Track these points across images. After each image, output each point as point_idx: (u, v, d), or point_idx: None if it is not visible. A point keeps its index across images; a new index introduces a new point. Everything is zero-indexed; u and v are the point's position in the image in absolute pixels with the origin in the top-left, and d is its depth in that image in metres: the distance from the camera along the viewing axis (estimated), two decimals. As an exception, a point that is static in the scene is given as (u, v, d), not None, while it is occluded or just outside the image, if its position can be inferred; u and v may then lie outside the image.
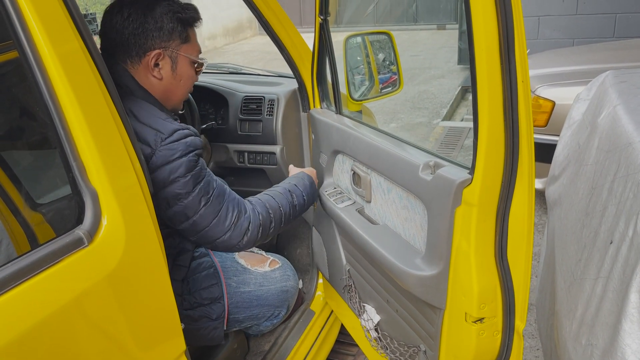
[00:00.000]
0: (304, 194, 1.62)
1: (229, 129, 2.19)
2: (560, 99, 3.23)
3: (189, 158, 1.28)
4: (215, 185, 1.37)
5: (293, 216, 1.57)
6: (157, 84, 1.38)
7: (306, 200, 1.62)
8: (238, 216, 1.40)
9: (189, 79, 1.45)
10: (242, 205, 1.43)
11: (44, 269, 0.84)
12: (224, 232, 1.38)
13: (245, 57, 11.76)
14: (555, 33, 6.04)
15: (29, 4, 0.87)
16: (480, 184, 1.14)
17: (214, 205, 1.35)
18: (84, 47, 0.95)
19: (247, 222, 1.41)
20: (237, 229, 1.39)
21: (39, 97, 0.89)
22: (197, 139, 1.33)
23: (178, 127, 1.30)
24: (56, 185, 1.05)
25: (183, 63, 1.41)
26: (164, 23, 1.34)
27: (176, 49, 1.38)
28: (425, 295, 1.34)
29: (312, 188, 1.67)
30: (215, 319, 1.58)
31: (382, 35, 2.02)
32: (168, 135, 1.27)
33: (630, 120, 1.25)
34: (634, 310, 0.89)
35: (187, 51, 1.41)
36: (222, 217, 1.37)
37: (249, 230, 1.41)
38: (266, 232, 1.47)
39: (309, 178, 1.68)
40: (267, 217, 1.47)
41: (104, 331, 0.94)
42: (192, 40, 1.42)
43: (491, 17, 1.00)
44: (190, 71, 1.44)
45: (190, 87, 1.48)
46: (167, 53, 1.37)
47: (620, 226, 1.03)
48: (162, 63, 1.37)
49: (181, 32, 1.38)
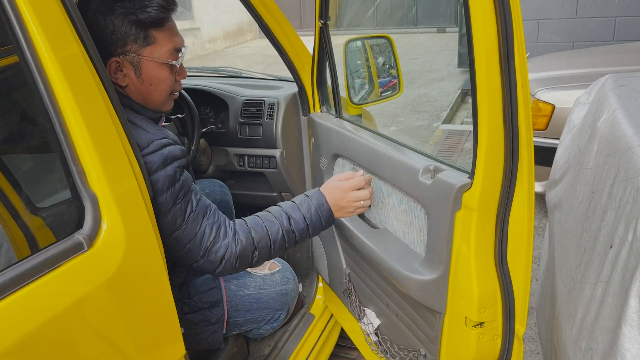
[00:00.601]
0: (306, 218, 1.38)
1: (229, 132, 2.19)
2: (560, 102, 3.23)
3: (166, 172, 1.17)
4: (194, 207, 1.25)
5: (289, 243, 1.37)
6: (127, 88, 1.27)
7: (309, 226, 1.39)
8: (214, 242, 1.27)
9: (162, 81, 1.30)
10: (222, 229, 1.29)
11: (44, 273, 0.84)
12: (198, 258, 1.27)
13: (246, 60, 11.77)
14: (555, 36, 6.05)
15: (29, 9, 0.87)
16: (480, 188, 1.14)
17: (190, 228, 1.23)
18: (84, 51, 0.95)
19: (224, 249, 1.28)
20: (212, 256, 1.27)
21: (39, 101, 0.89)
22: (176, 149, 1.22)
23: (153, 137, 1.19)
24: (56, 190, 1.05)
25: (149, 67, 1.26)
26: (115, 27, 1.21)
27: (137, 53, 1.24)
28: (425, 299, 1.34)
29: (320, 213, 1.40)
30: (215, 323, 1.58)
31: (381, 40, 2.02)
32: (142, 147, 1.15)
33: (629, 124, 1.26)
34: (634, 315, 0.89)
35: (151, 54, 1.25)
36: (197, 242, 1.25)
37: (224, 258, 1.28)
38: (247, 262, 1.33)
39: (318, 199, 1.41)
40: (248, 245, 1.31)
41: (104, 336, 0.94)
42: (159, 40, 1.26)
43: (491, 22, 1.01)
44: (161, 73, 1.28)
45: (169, 88, 1.33)
46: (126, 59, 1.24)
47: (620, 230, 1.03)
48: (125, 70, 1.25)
49: (137, 36, 1.23)
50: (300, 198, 1.43)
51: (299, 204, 1.40)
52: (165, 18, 1.26)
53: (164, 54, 1.28)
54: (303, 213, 1.39)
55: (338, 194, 1.42)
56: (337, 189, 1.43)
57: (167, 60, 1.28)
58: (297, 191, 2.15)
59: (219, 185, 2.12)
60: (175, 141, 1.24)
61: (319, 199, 1.41)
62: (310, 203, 1.40)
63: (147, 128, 1.22)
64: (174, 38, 1.30)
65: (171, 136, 1.25)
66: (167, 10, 1.26)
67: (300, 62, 1.91)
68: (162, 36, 1.27)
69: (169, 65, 1.29)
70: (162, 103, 1.34)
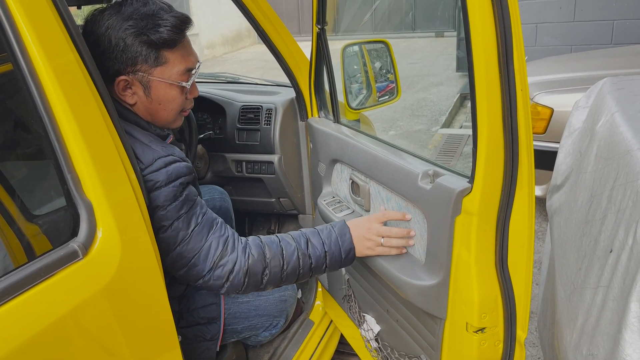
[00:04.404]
0: (325, 245, 1.33)
1: (226, 138, 2.19)
2: (559, 105, 3.23)
3: (168, 189, 1.16)
4: (199, 221, 1.22)
5: (303, 268, 1.31)
6: (135, 106, 1.26)
7: (327, 253, 1.33)
8: (221, 255, 1.23)
9: (171, 101, 1.27)
10: (229, 243, 1.25)
11: (39, 282, 0.83)
12: (205, 273, 1.23)
13: (244, 65, 11.80)
14: (553, 40, 6.06)
15: (24, 17, 0.86)
16: (480, 193, 1.13)
17: (194, 242, 1.21)
18: (79, 59, 0.94)
19: (232, 263, 1.24)
20: (218, 270, 1.23)
21: (34, 108, 0.89)
22: (180, 166, 1.20)
23: (159, 155, 1.18)
24: (51, 198, 1.04)
25: (159, 87, 1.24)
26: (126, 46, 1.18)
27: (147, 73, 1.22)
28: (425, 305, 1.33)
29: (340, 242, 1.34)
30: (209, 339, 1.56)
31: (379, 44, 2.02)
32: (147, 165, 1.15)
33: (628, 128, 1.25)
34: (635, 320, 0.88)
35: (162, 74, 1.23)
36: (202, 256, 1.22)
37: (232, 272, 1.24)
38: (257, 280, 1.27)
39: (341, 229, 1.36)
40: (259, 262, 1.26)
41: (99, 344, 0.93)
42: (171, 60, 1.24)
43: (489, 26, 1.00)
44: (171, 93, 1.26)
45: (178, 107, 1.30)
46: (136, 78, 1.22)
47: (619, 234, 1.03)
48: (134, 88, 1.23)
49: (148, 56, 1.20)
50: (323, 225, 1.39)
51: (320, 230, 1.36)
52: (178, 39, 1.23)
53: (175, 75, 1.25)
54: (323, 239, 1.34)
55: (363, 227, 1.37)
56: (365, 221, 1.39)
57: (177, 81, 1.25)
58: (295, 197, 2.14)
59: (219, 191, 2.11)
60: (181, 158, 1.23)
61: (342, 228, 1.37)
62: (332, 231, 1.36)
63: (153, 145, 1.20)
64: (187, 58, 1.27)
65: (177, 153, 1.23)
66: (181, 30, 1.23)
67: (297, 67, 1.91)
68: (174, 57, 1.24)
69: (179, 86, 1.27)
70: (170, 121, 1.32)
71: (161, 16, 1.21)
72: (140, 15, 1.19)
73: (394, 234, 1.36)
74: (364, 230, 1.37)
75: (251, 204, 2.29)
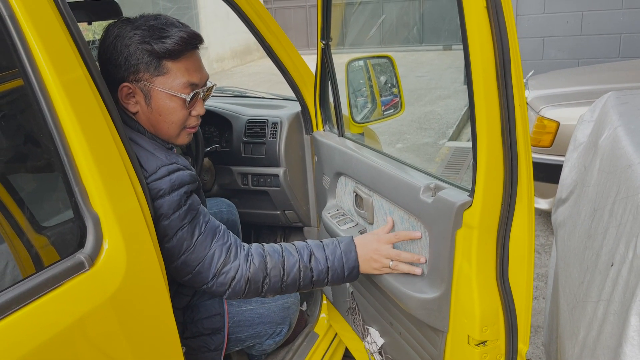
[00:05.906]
0: (328, 260, 1.33)
1: (232, 151, 2.22)
2: (565, 119, 3.24)
3: (172, 197, 1.18)
4: (202, 230, 1.25)
5: (303, 281, 1.33)
6: (137, 115, 1.28)
7: (329, 269, 1.33)
8: (224, 263, 1.26)
9: (171, 113, 1.27)
10: (232, 250, 1.28)
11: (46, 292, 0.85)
12: (208, 280, 1.26)
13: (253, 78, 11.88)
14: (560, 53, 6.07)
15: (34, 33, 0.89)
16: (480, 207, 1.14)
17: (198, 250, 1.24)
18: (87, 75, 0.97)
19: (234, 271, 1.27)
20: (222, 277, 1.26)
21: (43, 123, 0.91)
22: (184, 174, 1.22)
23: (162, 163, 1.20)
24: (59, 210, 1.06)
25: (159, 97, 1.25)
26: (130, 53, 1.21)
27: (148, 81, 1.24)
28: (427, 318, 1.33)
29: (344, 259, 1.34)
30: (214, 350, 1.57)
31: (383, 59, 2.05)
32: (151, 173, 1.17)
33: (630, 142, 1.26)
34: (635, 334, 0.88)
35: (162, 84, 1.24)
36: (206, 264, 1.25)
37: (234, 280, 1.27)
38: (257, 287, 1.30)
39: (347, 246, 1.36)
40: (260, 270, 1.29)
41: (105, 354, 0.94)
42: (173, 71, 1.24)
43: (487, 43, 1.02)
44: (170, 105, 1.26)
45: (179, 121, 1.30)
46: (138, 86, 1.24)
47: (620, 248, 1.03)
48: (137, 97, 1.26)
49: (149, 64, 1.22)
50: (330, 239, 1.40)
51: (326, 245, 1.37)
52: (183, 51, 1.24)
53: (176, 86, 1.26)
54: (327, 254, 1.34)
55: (371, 248, 1.37)
56: (374, 240, 1.37)
57: (177, 92, 1.26)
58: (300, 209, 2.16)
59: (227, 204, 2.13)
60: (185, 166, 1.24)
61: (348, 245, 1.37)
62: (338, 247, 1.36)
63: (157, 153, 1.22)
64: (191, 72, 1.27)
65: (181, 161, 1.25)
66: (188, 44, 1.25)
67: (302, 81, 1.94)
68: (176, 68, 1.25)
69: (180, 97, 1.27)
70: (173, 136, 1.32)
71: (169, 29, 1.24)
72: (149, 27, 1.23)
73: (404, 258, 1.35)
74: (372, 252, 1.36)
75: (257, 217, 2.31)
